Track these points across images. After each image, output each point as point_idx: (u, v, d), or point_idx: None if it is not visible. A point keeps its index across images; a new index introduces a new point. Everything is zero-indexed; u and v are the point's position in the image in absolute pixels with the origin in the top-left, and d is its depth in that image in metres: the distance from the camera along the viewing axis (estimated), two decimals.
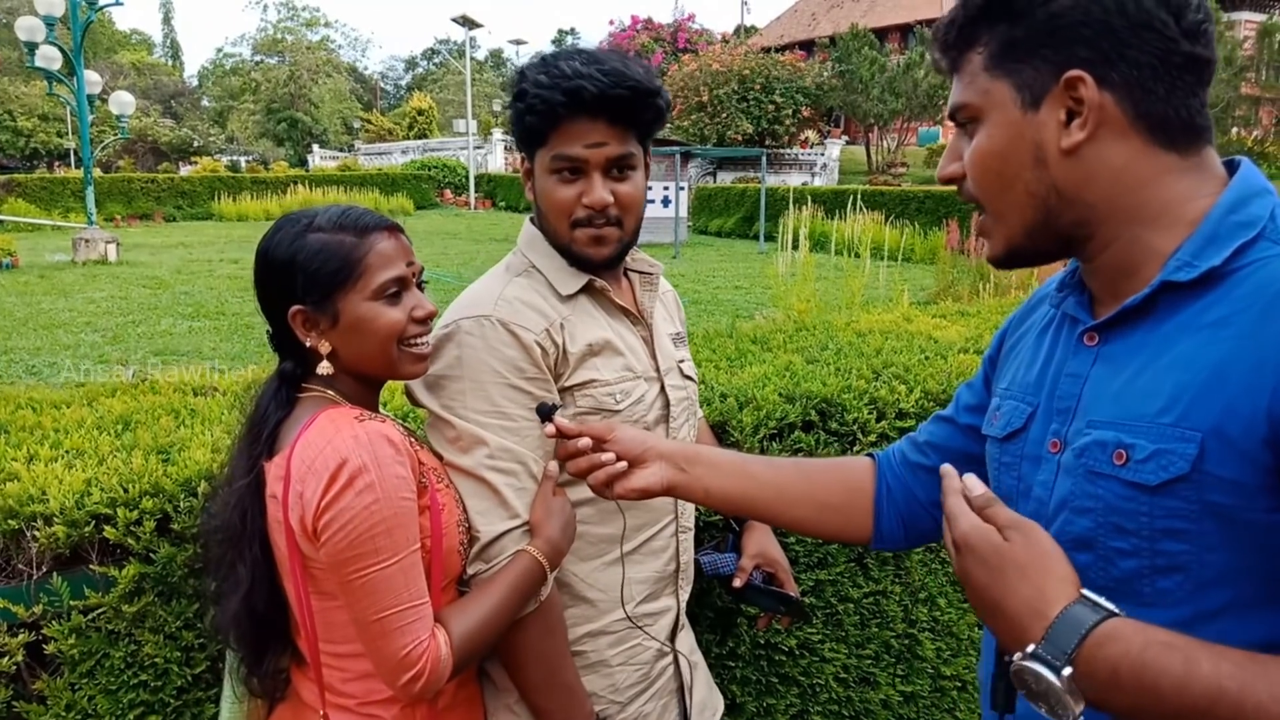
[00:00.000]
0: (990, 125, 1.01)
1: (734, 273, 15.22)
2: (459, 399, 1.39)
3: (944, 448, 1.31)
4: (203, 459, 1.55)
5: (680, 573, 1.63)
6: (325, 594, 1.28)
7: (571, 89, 1.37)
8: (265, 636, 1.35)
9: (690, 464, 1.29)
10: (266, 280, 1.34)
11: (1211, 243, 0.93)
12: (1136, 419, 0.93)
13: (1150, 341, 0.96)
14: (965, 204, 1.10)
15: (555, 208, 1.47)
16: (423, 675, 1.24)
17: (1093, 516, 0.96)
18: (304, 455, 1.24)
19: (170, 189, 28.42)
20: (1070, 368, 1.05)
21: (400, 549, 1.24)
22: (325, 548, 1.22)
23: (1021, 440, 1.10)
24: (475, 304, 1.44)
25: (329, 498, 1.20)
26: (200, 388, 2.02)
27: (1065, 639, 0.82)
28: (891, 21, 45.03)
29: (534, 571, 1.37)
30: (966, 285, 9.42)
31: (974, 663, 2.42)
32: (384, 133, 52.31)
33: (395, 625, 1.23)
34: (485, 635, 1.33)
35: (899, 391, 2.23)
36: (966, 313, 3.36)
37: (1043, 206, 1.00)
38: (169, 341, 9.22)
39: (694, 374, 1.69)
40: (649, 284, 1.63)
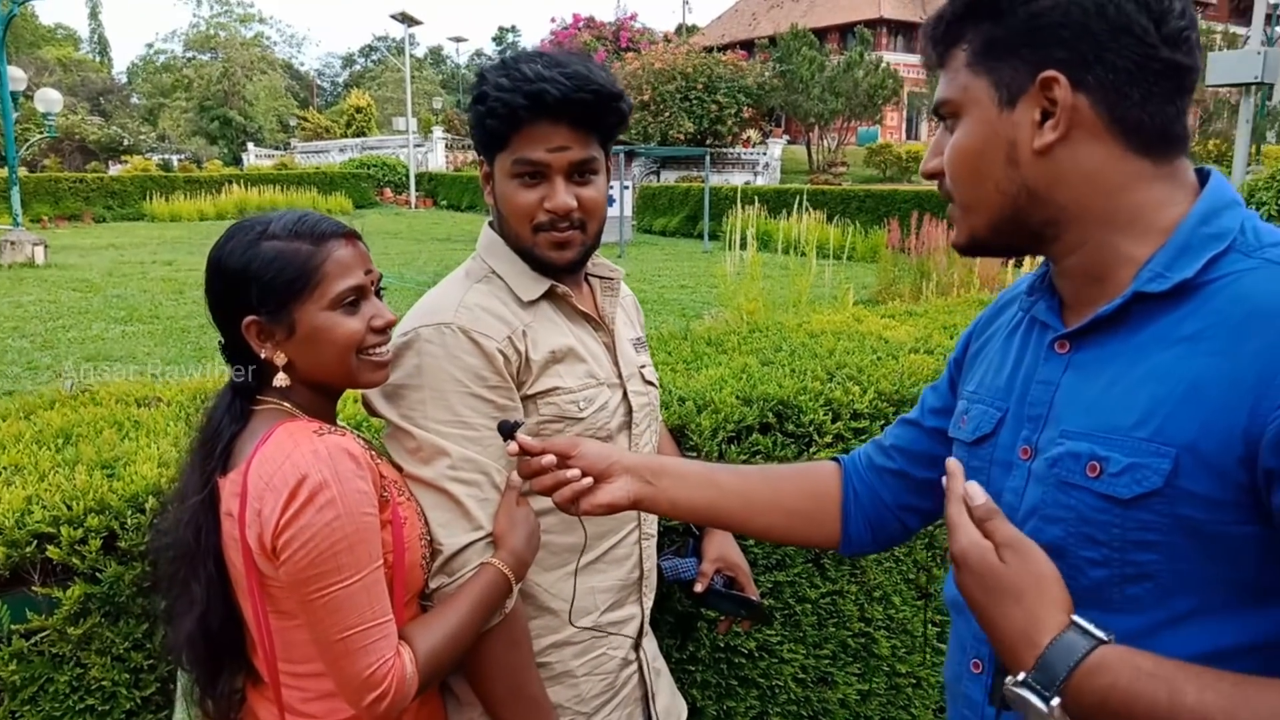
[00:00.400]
0: (968, 122, 1.01)
1: (679, 272, 15.26)
2: (419, 409, 1.37)
3: (909, 451, 1.32)
4: (150, 473, 1.50)
5: (644, 580, 1.62)
6: (284, 613, 1.25)
7: (534, 92, 1.35)
8: (220, 656, 1.31)
9: (656, 476, 1.28)
10: (218, 290, 1.30)
11: (1183, 254, 0.93)
12: (1110, 431, 0.93)
13: (1123, 352, 0.96)
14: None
15: (517, 212, 1.44)
16: (388, 695, 1.21)
17: (1064, 526, 0.96)
18: (261, 471, 1.20)
19: (100, 189, 27.58)
20: (1041, 375, 1.05)
21: (363, 566, 1.20)
22: (285, 566, 1.18)
23: (991, 445, 1.10)
24: (435, 311, 1.42)
25: (289, 515, 1.17)
26: (144, 398, 1.95)
27: (1055, 669, 0.83)
28: (830, 22, 45.58)
29: (499, 584, 1.35)
30: (908, 283, 9.57)
31: (928, 659, 2.44)
32: (321, 131, 51.43)
33: (359, 645, 1.20)
34: (451, 651, 1.30)
35: (853, 392, 2.25)
36: (914, 313, 3.40)
37: (1011, 204, 1.00)
38: (101, 346, 8.95)
39: (655, 379, 1.68)
40: (610, 289, 1.61)
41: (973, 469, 1.12)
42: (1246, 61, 12.69)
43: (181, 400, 1.93)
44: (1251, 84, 13.50)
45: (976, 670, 1.08)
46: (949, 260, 9.26)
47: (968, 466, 1.12)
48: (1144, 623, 0.91)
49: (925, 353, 2.62)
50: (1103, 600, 0.94)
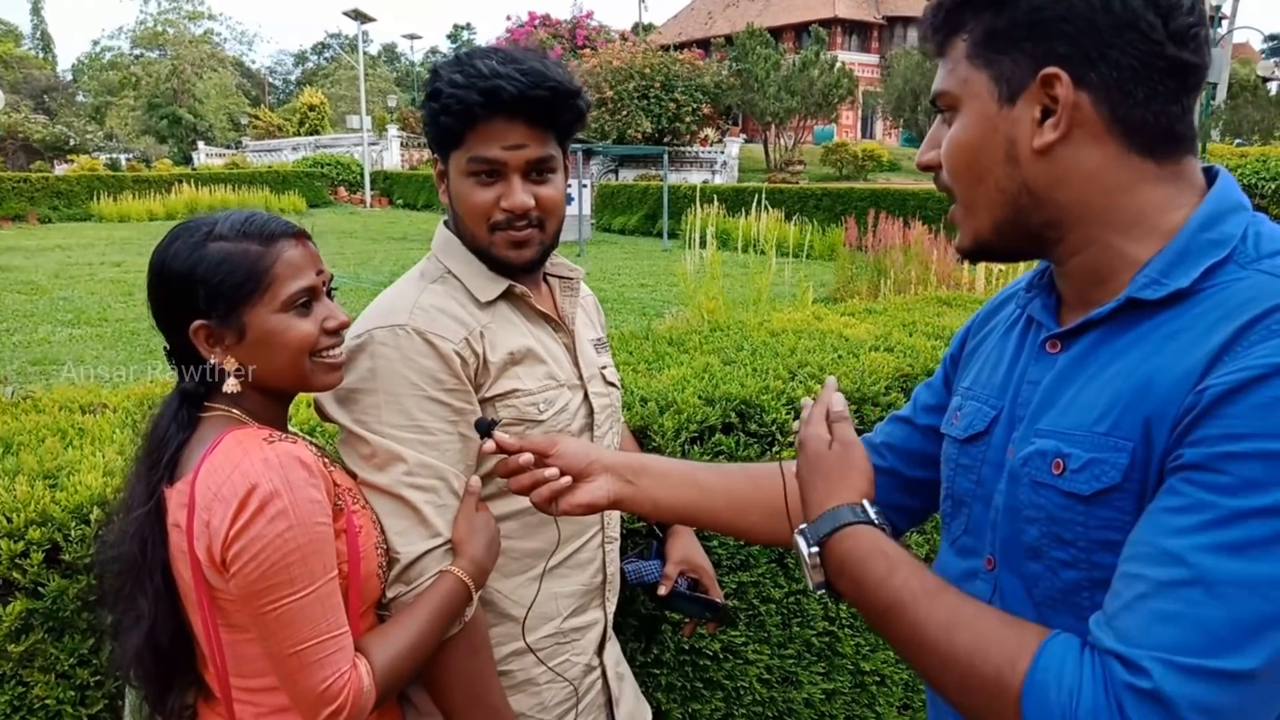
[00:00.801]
0: (966, 116, 0.98)
1: (639, 270, 15.24)
2: (373, 413, 1.33)
3: (900, 449, 1.29)
4: (95, 483, 1.45)
5: (607, 584, 1.60)
6: (235, 626, 1.21)
7: (489, 89, 1.32)
8: (170, 672, 1.26)
9: (637, 475, 1.24)
10: (163, 294, 1.25)
11: (1181, 261, 0.90)
12: (1074, 428, 0.92)
13: (1102, 354, 0.94)
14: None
15: (472, 211, 1.41)
16: (344, 709, 1.17)
17: (1038, 526, 0.95)
18: (209, 481, 1.16)
19: (45, 189, 26.90)
20: (1031, 374, 1.03)
21: (317, 577, 1.17)
22: (236, 579, 1.14)
23: (984, 444, 1.07)
24: (389, 313, 1.38)
25: (238, 526, 1.12)
26: (89, 405, 1.89)
27: (822, 526, 1.01)
28: (786, 21, 45.87)
29: (458, 593, 1.31)
30: (865, 281, 9.63)
31: (891, 657, 2.45)
32: (273, 129, 50.68)
33: (313, 658, 1.16)
34: (409, 662, 1.27)
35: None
36: (874, 311, 3.41)
37: (1013, 204, 0.97)
38: (48, 350, 8.73)
39: (617, 380, 1.65)
40: (569, 289, 1.58)
41: (962, 467, 1.10)
42: None
43: (128, 406, 1.87)
44: None
45: None
46: (905, 258, 9.35)
47: (956, 464, 1.12)
48: None
49: (885, 350, 2.62)
50: (1075, 605, 0.92)
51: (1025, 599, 0.98)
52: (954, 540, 1.10)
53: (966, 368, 1.20)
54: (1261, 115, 28.08)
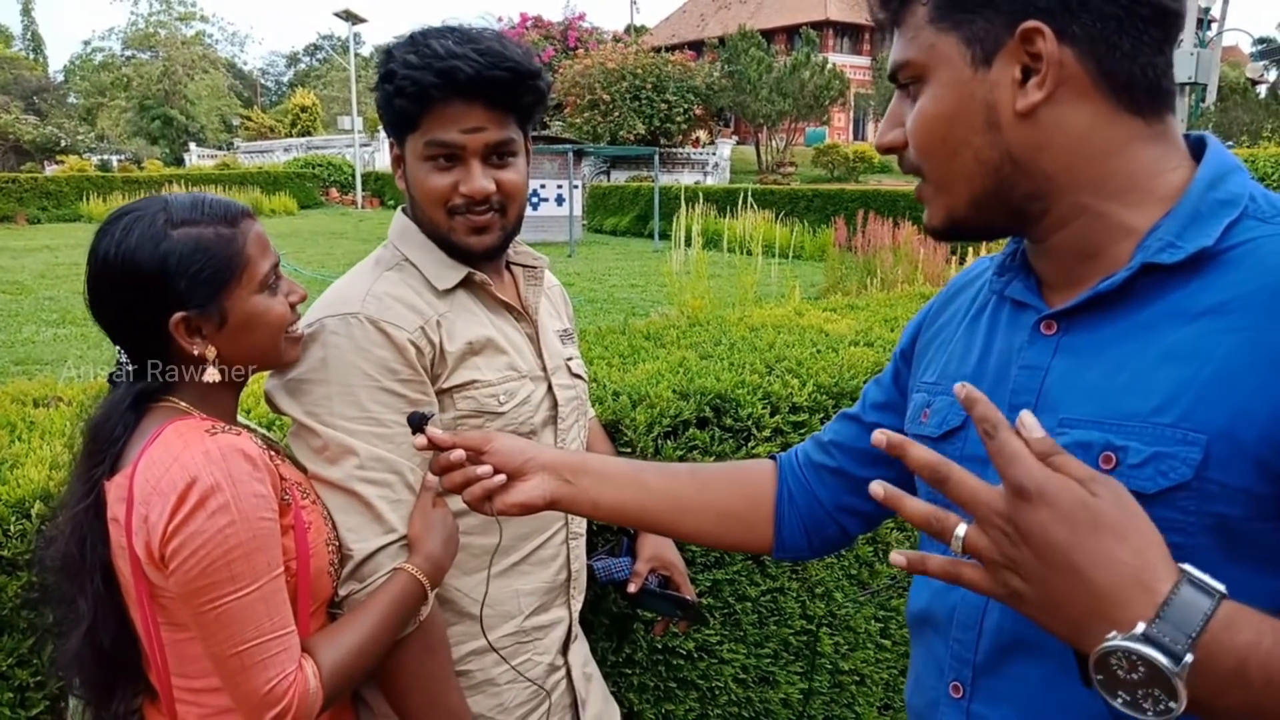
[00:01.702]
0: (936, 85, 0.90)
1: (629, 271, 15.20)
2: (324, 405, 1.28)
3: (849, 448, 1.23)
4: (38, 477, 1.40)
5: (572, 581, 1.55)
6: (177, 625, 1.16)
7: (445, 69, 1.27)
8: (112, 674, 1.22)
9: (576, 475, 1.18)
10: (128, 290, 1.17)
11: (1195, 221, 0.83)
12: (1126, 418, 0.82)
13: (1130, 331, 0.85)
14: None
15: (430, 196, 1.36)
16: (289, 711, 1.13)
17: None
18: (148, 474, 1.11)
19: (34, 189, 26.76)
20: (1026, 359, 0.93)
21: (260, 575, 1.12)
22: (175, 576, 1.09)
23: (961, 439, 0.99)
24: (341, 301, 1.33)
25: (177, 521, 1.08)
26: (43, 398, 1.84)
27: (1187, 621, 0.66)
28: (777, 23, 45.92)
29: (413, 591, 1.27)
30: (854, 281, 9.61)
31: (871, 656, 2.41)
32: (265, 130, 50.55)
33: (256, 659, 1.11)
34: (360, 663, 1.22)
35: (792, 385, 2.20)
36: (856, 306, 3.37)
37: (994, 175, 0.89)
38: (32, 350, 8.65)
39: (583, 372, 1.61)
40: (533, 278, 1.54)
41: None
42: (1181, 62, 13.01)
43: (83, 400, 1.81)
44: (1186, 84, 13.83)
45: (957, 695, 0.96)
46: (894, 258, 9.34)
47: None
48: None
49: (865, 345, 2.59)
50: None
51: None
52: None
53: (925, 362, 1.12)
54: (1250, 117, 28.16)
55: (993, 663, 0.93)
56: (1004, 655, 0.92)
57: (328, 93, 63.91)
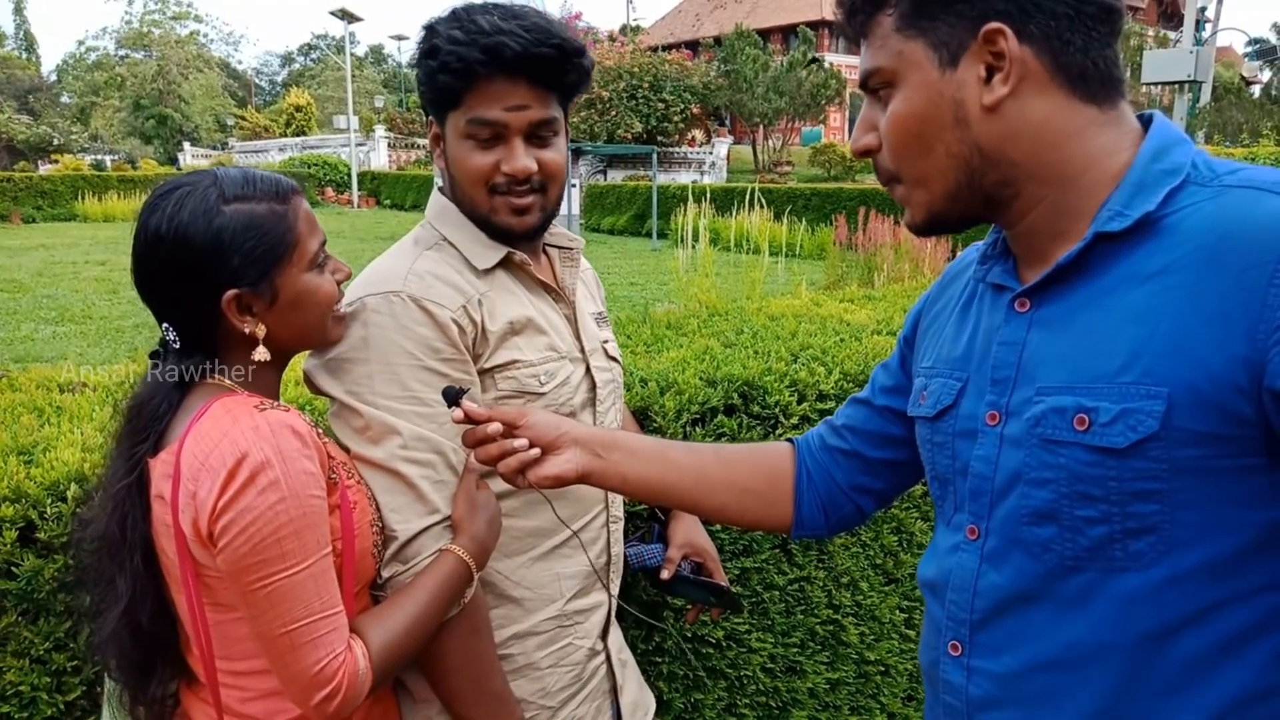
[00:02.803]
0: (907, 88, 0.96)
1: (628, 269, 15.19)
2: (366, 384, 1.26)
3: (861, 430, 1.29)
4: (72, 460, 1.38)
5: (611, 565, 1.53)
6: (222, 605, 1.14)
7: (491, 45, 1.25)
8: (150, 655, 1.19)
9: (607, 450, 1.23)
10: (179, 266, 1.14)
11: (1140, 191, 0.91)
12: (1094, 380, 0.89)
13: (1091, 299, 0.93)
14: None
15: (471, 175, 1.34)
16: (338, 693, 1.11)
17: (1054, 488, 0.92)
18: (196, 450, 1.09)
19: (29, 188, 26.67)
20: (1004, 336, 1.00)
21: (310, 553, 1.10)
22: (224, 554, 1.07)
23: (952, 416, 1.05)
24: (383, 279, 1.31)
25: (227, 497, 1.05)
26: (68, 384, 1.82)
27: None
28: (774, 23, 45.91)
29: (459, 572, 1.25)
30: (856, 278, 9.60)
31: (896, 646, 2.39)
32: (260, 130, 50.39)
33: (306, 639, 1.09)
34: (408, 644, 1.20)
35: (818, 373, 2.19)
36: (873, 296, 3.36)
37: (965, 167, 0.96)
38: (31, 348, 8.61)
39: (619, 355, 1.59)
40: (570, 259, 1.52)
41: (936, 445, 1.08)
42: (1180, 60, 13.03)
43: (108, 385, 1.80)
44: (1184, 82, 13.85)
45: (955, 653, 1.03)
46: (896, 255, 9.32)
47: (931, 443, 1.10)
48: (1150, 579, 0.88)
49: (888, 334, 2.57)
50: (1105, 558, 0.90)
51: (1031, 566, 0.95)
52: (949, 520, 1.08)
53: (923, 347, 1.19)
54: (1246, 117, 28.23)
55: (987, 620, 1.00)
56: (998, 611, 0.98)
57: (323, 92, 63.78)
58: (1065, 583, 0.93)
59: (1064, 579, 0.93)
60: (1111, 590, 0.90)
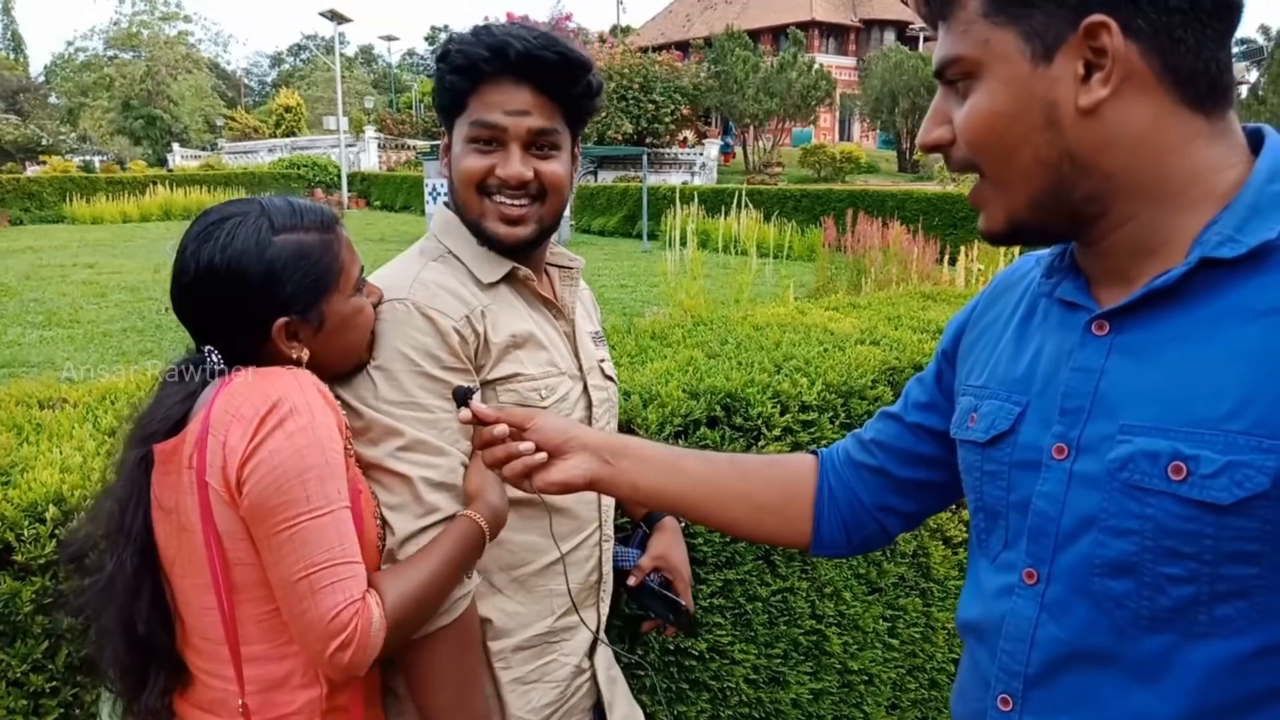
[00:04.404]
0: (991, 81, 0.86)
1: (619, 271, 15.19)
2: (369, 389, 1.28)
3: (890, 447, 1.20)
4: (51, 480, 1.37)
5: (602, 584, 1.54)
6: (237, 585, 1.17)
7: (496, 45, 1.29)
8: (145, 662, 1.20)
9: (617, 457, 1.17)
10: (232, 294, 1.18)
11: (1255, 214, 0.81)
12: (1194, 424, 0.80)
13: (1188, 329, 0.83)
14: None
15: (464, 177, 1.36)
16: (352, 642, 1.12)
17: (1136, 539, 0.83)
18: (228, 405, 1.12)
19: (15, 190, 26.54)
20: (1079, 361, 0.90)
21: (333, 500, 1.13)
22: (250, 496, 1.09)
23: (1009, 444, 0.96)
24: (387, 287, 1.33)
25: (258, 439, 1.09)
26: (48, 400, 1.81)
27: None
28: (764, 24, 45.99)
29: (475, 535, 1.27)
30: (845, 280, 9.62)
31: (879, 656, 2.40)
32: (249, 130, 50.30)
33: (325, 581, 1.11)
34: (423, 603, 1.22)
35: (801, 384, 2.19)
36: (858, 305, 3.37)
37: (1054, 175, 0.86)
38: (17, 352, 8.57)
39: (614, 375, 1.61)
40: (569, 279, 1.54)
41: (988, 474, 0.99)
42: None
43: (89, 402, 1.79)
44: None
45: (1006, 708, 0.94)
46: (885, 257, 9.35)
47: (980, 470, 1.01)
48: (1237, 649, 0.80)
49: (872, 344, 2.58)
50: (1188, 622, 0.82)
51: (1099, 621, 0.86)
52: (994, 558, 0.98)
53: (970, 363, 1.09)
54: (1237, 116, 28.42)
55: (1045, 675, 0.91)
56: (1058, 667, 0.90)
57: (312, 93, 63.60)
58: (1138, 644, 0.84)
59: (1137, 640, 0.84)
60: (1191, 658, 0.82)
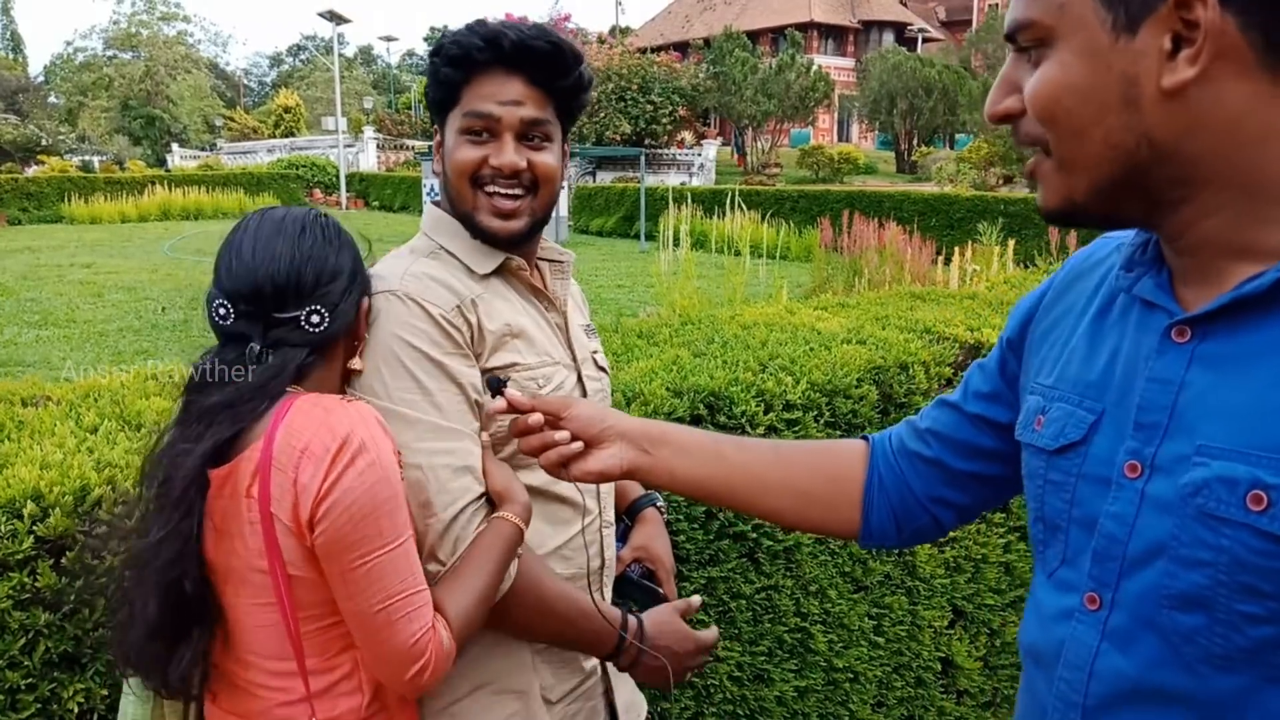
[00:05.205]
0: (1066, 51, 0.78)
1: (616, 271, 15.21)
2: (377, 381, 1.29)
3: (948, 438, 1.14)
4: (29, 477, 1.38)
5: (604, 569, 1.57)
6: (298, 604, 1.19)
7: (490, 35, 1.32)
8: (183, 621, 1.19)
9: (655, 445, 1.16)
10: (348, 265, 1.27)
11: None
12: (1277, 450, 0.73)
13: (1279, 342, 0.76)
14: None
15: (458, 168, 1.37)
16: (429, 665, 1.17)
17: (1210, 572, 0.76)
18: (292, 440, 1.12)
19: (14, 190, 26.55)
20: (1156, 370, 0.83)
21: (401, 532, 1.16)
22: (326, 534, 1.11)
23: (1079, 455, 0.89)
24: (379, 279, 1.34)
25: (333, 478, 1.10)
26: (31, 397, 1.82)
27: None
28: (762, 25, 46.04)
29: (515, 538, 1.29)
30: (841, 281, 9.64)
31: (865, 654, 2.41)
32: (248, 131, 50.33)
33: (401, 613, 1.15)
34: (480, 611, 1.26)
35: (785, 383, 2.20)
36: (847, 304, 3.38)
37: (1126, 160, 0.79)
38: (13, 352, 8.58)
39: (607, 366, 1.63)
40: (560, 273, 1.56)
41: (1052, 483, 0.92)
42: None
43: (72, 399, 1.80)
44: None
45: None
46: (880, 258, 9.37)
47: (1044, 478, 0.94)
48: None
49: (858, 343, 2.59)
50: (1265, 665, 0.76)
51: (1167, 657, 0.80)
52: (1051, 573, 0.93)
53: (1037, 358, 1.01)
54: None
55: (1104, 708, 0.85)
56: (1121, 701, 0.84)
57: (311, 93, 63.62)
58: (1208, 684, 0.78)
59: (1208, 679, 0.78)
60: (1268, 703, 0.76)
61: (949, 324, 2.84)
